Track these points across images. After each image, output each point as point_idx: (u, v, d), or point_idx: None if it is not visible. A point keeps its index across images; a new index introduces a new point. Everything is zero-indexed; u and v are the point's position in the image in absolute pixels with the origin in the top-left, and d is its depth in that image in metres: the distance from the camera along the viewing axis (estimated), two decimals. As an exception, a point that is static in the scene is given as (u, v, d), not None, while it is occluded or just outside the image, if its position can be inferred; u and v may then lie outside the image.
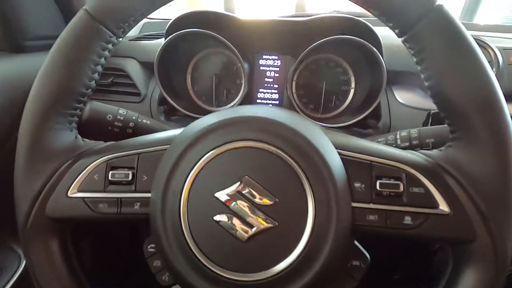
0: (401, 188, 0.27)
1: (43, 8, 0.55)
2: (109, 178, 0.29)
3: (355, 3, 0.27)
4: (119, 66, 0.59)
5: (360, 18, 0.53)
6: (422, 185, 0.27)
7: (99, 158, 0.30)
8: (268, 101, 0.64)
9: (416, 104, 0.54)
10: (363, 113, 0.55)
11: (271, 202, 0.26)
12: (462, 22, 0.25)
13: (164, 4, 0.30)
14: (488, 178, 0.25)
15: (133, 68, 0.60)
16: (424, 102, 0.55)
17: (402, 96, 0.56)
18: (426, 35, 0.25)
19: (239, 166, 0.27)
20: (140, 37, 0.69)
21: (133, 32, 0.75)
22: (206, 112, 0.61)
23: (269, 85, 0.64)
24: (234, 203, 0.26)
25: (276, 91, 0.64)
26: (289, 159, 0.26)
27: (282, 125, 0.27)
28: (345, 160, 0.28)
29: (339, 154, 0.28)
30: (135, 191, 0.29)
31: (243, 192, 0.26)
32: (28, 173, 0.28)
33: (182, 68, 0.62)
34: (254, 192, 0.26)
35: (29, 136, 0.28)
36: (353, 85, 0.60)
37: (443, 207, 0.26)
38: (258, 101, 0.64)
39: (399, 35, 0.27)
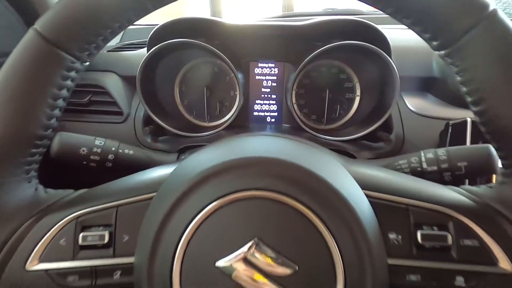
0: (449, 241, 0.22)
1: (5, 20, 0.48)
2: (79, 241, 0.23)
3: (383, 11, 0.22)
4: (97, 82, 0.53)
5: (362, 19, 0.47)
6: (475, 236, 0.21)
7: (66, 216, 0.24)
8: (266, 113, 0.58)
9: (429, 112, 0.49)
10: (372, 124, 0.49)
11: (290, 271, 0.20)
12: None
13: (140, 18, 0.24)
14: None
15: (114, 84, 0.53)
16: (438, 109, 0.50)
17: (413, 103, 0.51)
18: (478, 49, 0.20)
19: (246, 224, 0.21)
20: (121, 47, 0.62)
21: (113, 40, 0.68)
22: (198, 129, 0.56)
23: (266, 95, 0.58)
24: (242, 274, 0.20)
25: (274, 102, 0.58)
26: (310, 213, 0.21)
27: (300, 169, 0.21)
28: (375, 204, 0.23)
29: (367, 196, 0.23)
30: (114, 256, 0.23)
31: (253, 259, 0.20)
32: None
33: (169, 81, 0.55)
34: (267, 259, 0.20)
35: None
36: (358, 92, 0.55)
37: (504, 264, 0.21)
38: (255, 113, 0.58)
39: (438, 48, 0.22)
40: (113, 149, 0.36)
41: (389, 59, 0.45)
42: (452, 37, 0.20)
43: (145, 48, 0.54)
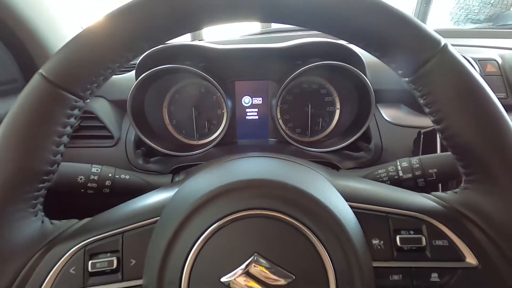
0: (423, 242, 0.25)
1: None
2: (89, 269, 0.24)
3: (355, 45, 0.25)
4: (86, 107, 0.53)
5: (340, 42, 0.51)
6: (445, 236, 0.25)
7: (74, 246, 0.25)
8: (252, 129, 0.61)
9: (403, 122, 0.54)
10: (352, 135, 0.53)
11: (288, 281, 0.23)
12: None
13: (137, 57, 0.26)
14: None
15: (103, 109, 0.54)
16: (411, 118, 0.54)
17: (388, 114, 0.55)
18: (434, 78, 0.23)
19: (246, 241, 0.23)
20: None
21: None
22: (188, 148, 0.58)
23: (252, 112, 0.60)
24: (245, 286, 0.22)
25: (260, 117, 0.61)
26: (302, 227, 0.23)
27: (291, 188, 0.24)
28: (359, 214, 0.25)
29: (352, 207, 0.26)
30: (123, 280, 0.25)
31: (254, 272, 0.23)
32: None
33: (158, 104, 0.57)
34: (266, 271, 0.23)
35: None
36: (338, 105, 0.59)
37: (470, 259, 0.24)
38: (242, 130, 0.61)
39: (403, 76, 0.25)
40: (110, 175, 0.38)
41: (363, 76, 0.49)
42: (413, 68, 0.24)
43: (132, 72, 0.55)
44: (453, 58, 0.23)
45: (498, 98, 0.54)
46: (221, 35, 0.85)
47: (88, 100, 0.26)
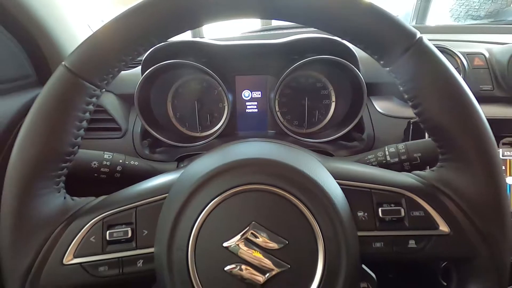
0: (402, 213, 0.28)
1: (7, 49, 0.51)
2: (107, 238, 0.28)
3: (342, 38, 0.28)
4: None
5: (335, 38, 0.54)
6: (421, 208, 0.28)
7: (93, 218, 0.28)
8: (252, 121, 0.64)
9: (395, 113, 0.56)
10: (346, 126, 0.56)
11: (281, 245, 0.26)
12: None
13: (147, 51, 0.29)
14: (482, 198, 0.26)
15: (110, 102, 0.58)
16: (402, 110, 0.57)
17: (381, 106, 0.58)
18: (411, 67, 0.26)
19: (245, 211, 0.26)
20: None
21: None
22: (191, 139, 0.61)
23: (252, 105, 0.64)
24: (244, 251, 0.26)
25: (259, 110, 0.64)
26: (295, 199, 0.26)
27: (284, 165, 0.27)
28: (346, 190, 0.29)
29: (340, 184, 0.29)
30: (136, 248, 0.28)
31: (252, 238, 0.26)
32: (15, 249, 0.26)
33: (162, 97, 0.60)
34: (263, 237, 0.26)
35: (13, 209, 0.26)
36: (333, 98, 0.62)
37: (443, 227, 0.27)
38: (243, 122, 0.64)
39: (384, 66, 0.28)
40: (121, 161, 0.41)
41: (356, 70, 0.52)
42: (392, 58, 0.27)
43: (138, 67, 0.58)
44: (428, 49, 0.26)
45: (485, 90, 0.57)
46: (221, 32, 0.88)
47: (104, 90, 0.29)
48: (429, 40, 0.27)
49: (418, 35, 0.26)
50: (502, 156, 0.51)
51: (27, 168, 0.26)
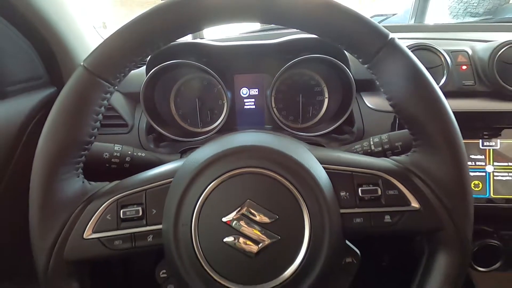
0: (379, 192, 0.32)
1: (21, 51, 0.55)
2: (121, 216, 0.32)
3: (324, 39, 0.32)
4: None
5: None
6: (395, 187, 0.32)
7: (109, 199, 0.32)
8: (250, 117, 0.68)
9: (383, 107, 0.60)
10: (338, 121, 0.60)
11: (273, 220, 0.30)
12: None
13: (153, 53, 0.33)
14: (448, 177, 0.30)
15: (117, 100, 0.62)
16: (389, 105, 0.61)
17: (370, 101, 0.62)
18: (385, 63, 0.30)
19: (241, 191, 0.30)
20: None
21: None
22: (193, 135, 0.65)
23: (250, 102, 0.68)
24: (240, 224, 0.30)
25: (256, 107, 0.68)
26: (284, 180, 0.30)
27: (275, 151, 0.31)
28: (330, 173, 0.32)
29: (325, 168, 0.33)
30: (147, 225, 0.32)
31: (248, 213, 0.30)
32: (43, 225, 0.30)
33: (165, 95, 0.64)
34: (256, 213, 0.30)
35: (41, 191, 0.30)
36: (326, 95, 0.65)
37: (414, 204, 0.31)
38: (241, 118, 0.68)
39: (363, 63, 0.32)
40: (129, 152, 0.45)
41: (346, 68, 0.56)
42: (368, 57, 0.31)
43: (141, 68, 0.62)
44: (398, 48, 0.30)
45: (467, 85, 0.61)
46: (220, 33, 0.91)
47: (117, 87, 0.33)
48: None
49: (390, 36, 0.30)
50: (482, 146, 0.55)
51: (52, 155, 0.30)
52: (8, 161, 0.51)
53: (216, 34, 0.90)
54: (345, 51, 0.58)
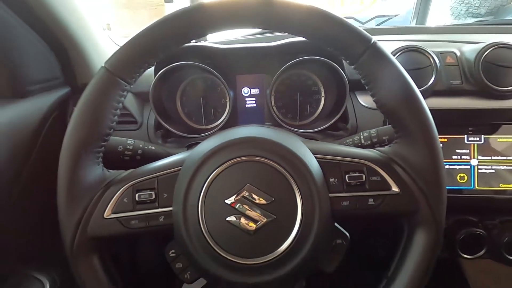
0: (364, 178, 0.36)
1: (40, 53, 0.60)
2: (136, 199, 0.36)
3: (313, 42, 0.36)
4: None
5: None
6: (378, 174, 0.36)
7: (125, 184, 0.37)
8: (251, 115, 0.72)
9: (376, 106, 0.64)
10: (333, 118, 0.64)
11: (269, 201, 0.34)
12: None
13: (166, 54, 0.37)
14: (424, 164, 0.34)
15: (128, 99, 0.66)
16: (383, 103, 0.65)
17: (364, 99, 0.66)
18: (369, 64, 0.34)
19: (241, 177, 0.35)
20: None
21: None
22: (198, 131, 0.70)
23: (250, 101, 0.72)
24: (240, 205, 0.34)
25: (257, 105, 0.72)
26: (280, 168, 0.34)
27: (272, 142, 0.35)
28: (320, 162, 0.37)
29: (316, 158, 0.37)
30: (159, 207, 0.36)
31: (247, 196, 0.34)
32: (69, 206, 0.35)
33: (172, 95, 0.69)
34: (255, 195, 0.34)
35: (67, 177, 0.35)
36: (323, 94, 0.70)
37: (395, 188, 0.35)
38: (243, 116, 0.72)
39: (350, 65, 0.36)
40: (141, 146, 0.50)
41: (340, 69, 0.60)
42: (354, 58, 0.35)
43: (150, 69, 0.67)
44: (380, 51, 0.34)
45: (455, 84, 0.65)
46: (223, 37, 0.96)
47: (132, 86, 0.37)
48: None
49: (373, 40, 0.34)
50: (467, 141, 0.59)
51: (77, 145, 0.34)
52: (29, 154, 0.55)
53: (219, 37, 0.94)
54: None
